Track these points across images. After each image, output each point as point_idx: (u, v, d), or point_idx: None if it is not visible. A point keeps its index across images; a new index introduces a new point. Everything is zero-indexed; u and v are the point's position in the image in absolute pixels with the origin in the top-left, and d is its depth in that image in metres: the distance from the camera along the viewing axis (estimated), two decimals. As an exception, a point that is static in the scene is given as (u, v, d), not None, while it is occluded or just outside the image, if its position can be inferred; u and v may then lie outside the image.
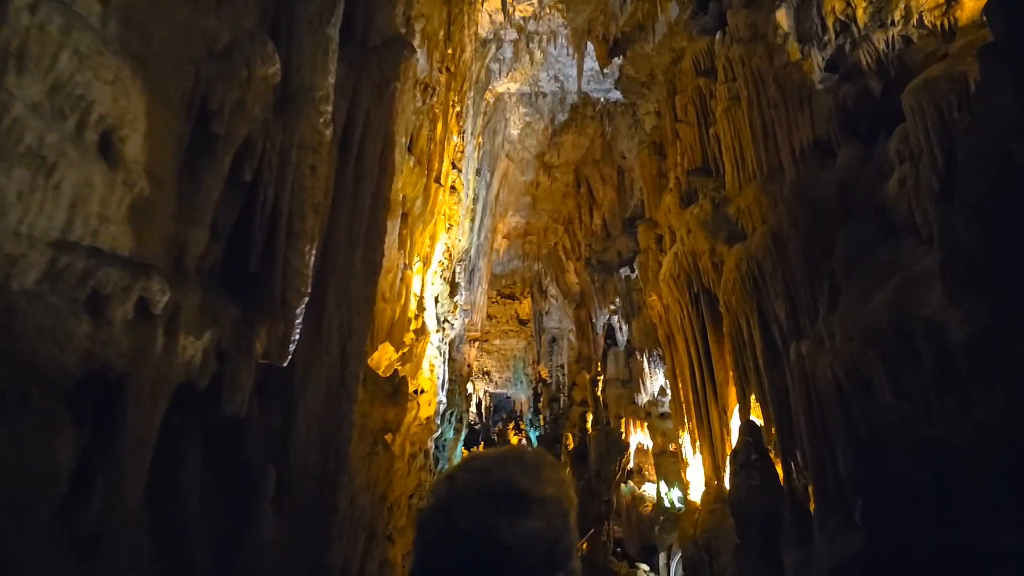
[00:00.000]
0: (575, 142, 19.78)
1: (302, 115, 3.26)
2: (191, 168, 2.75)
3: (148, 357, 2.53)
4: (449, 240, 12.48)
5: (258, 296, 3.24)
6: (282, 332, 3.21)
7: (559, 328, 28.19)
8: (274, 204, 3.22)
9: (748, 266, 7.77)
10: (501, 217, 23.60)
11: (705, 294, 9.08)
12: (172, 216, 2.66)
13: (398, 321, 8.48)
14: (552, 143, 19.99)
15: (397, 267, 7.84)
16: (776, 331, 7.60)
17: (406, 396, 8.11)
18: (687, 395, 9.76)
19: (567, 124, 18.89)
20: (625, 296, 17.65)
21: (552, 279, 27.09)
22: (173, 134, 2.63)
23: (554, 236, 25.78)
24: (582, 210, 22.09)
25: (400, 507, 9.15)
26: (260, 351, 3.20)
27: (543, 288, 28.22)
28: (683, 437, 10.04)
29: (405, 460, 10.32)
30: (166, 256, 2.65)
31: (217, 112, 2.76)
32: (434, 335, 12.25)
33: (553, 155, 20.65)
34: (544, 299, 28.34)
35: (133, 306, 2.42)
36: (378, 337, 7.56)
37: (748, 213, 8.34)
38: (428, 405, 11.51)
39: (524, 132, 19.49)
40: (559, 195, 23.24)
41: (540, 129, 19.30)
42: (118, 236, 2.36)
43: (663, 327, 10.28)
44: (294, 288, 3.22)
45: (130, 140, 2.37)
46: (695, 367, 9.29)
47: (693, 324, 9.21)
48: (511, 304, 31.56)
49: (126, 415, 2.51)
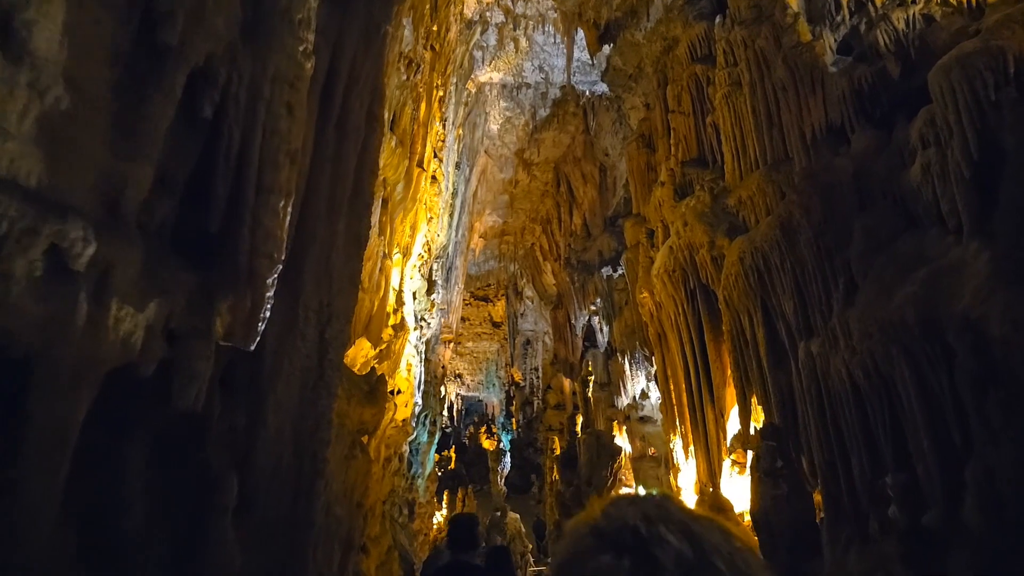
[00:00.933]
0: (556, 139, 19.28)
1: (276, 40, 2.61)
2: (132, 85, 2.09)
3: (66, 330, 1.86)
4: (429, 233, 11.84)
5: (220, 263, 2.58)
6: (249, 308, 2.55)
7: (534, 330, 27.70)
8: (241, 149, 2.55)
9: (752, 259, 7.28)
10: (478, 216, 23.02)
11: (702, 290, 8.57)
12: (104, 144, 1.98)
13: (376, 314, 7.81)
14: (532, 139, 19.46)
15: (377, 255, 7.18)
16: (782, 329, 7.12)
17: (384, 396, 7.45)
18: (680, 397, 9.24)
19: (548, 120, 18.38)
20: (606, 296, 17.16)
21: (528, 280, 26.59)
22: (105, 33, 1.96)
23: (531, 236, 25.26)
24: (561, 209, 21.59)
25: (374, 515, 8.47)
26: (221, 332, 2.53)
27: (519, 290, 27.70)
28: (674, 441, 9.52)
29: (380, 464, 9.64)
30: (95, 197, 1.97)
31: (168, 17, 2.11)
32: (412, 333, 11.59)
33: (533, 152, 20.13)
34: (519, 301, 27.82)
35: (42, 257, 1.76)
36: (355, 331, 6.89)
37: (751, 204, 7.86)
38: (405, 407, 10.84)
39: (504, 128, 18.94)
40: (538, 194, 22.72)
41: (520, 124, 18.76)
42: (20, 159, 1.68)
43: (654, 325, 9.76)
44: (264, 254, 2.56)
45: (40, 29, 1.70)
46: (689, 367, 8.77)
47: (688, 322, 8.70)
48: (485, 306, 31.07)
49: (35, 407, 1.85)
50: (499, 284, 30.31)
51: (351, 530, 5.97)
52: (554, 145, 19.72)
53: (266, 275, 2.58)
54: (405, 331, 9.09)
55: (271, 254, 2.60)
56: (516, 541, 13.22)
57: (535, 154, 20.24)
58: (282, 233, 2.67)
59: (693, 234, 8.44)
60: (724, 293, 7.81)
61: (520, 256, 26.61)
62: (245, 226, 2.57)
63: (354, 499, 5.99)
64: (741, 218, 8.06)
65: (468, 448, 31.19)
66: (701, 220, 8.33)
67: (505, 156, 20.47)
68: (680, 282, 8.72)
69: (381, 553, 9.41)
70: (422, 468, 16.07)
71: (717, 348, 8.51)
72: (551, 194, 22.11)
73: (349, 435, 5.05)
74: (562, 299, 22.02)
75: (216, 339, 2.56)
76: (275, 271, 2.64)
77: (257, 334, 2.63)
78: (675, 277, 8.75)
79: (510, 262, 27.88)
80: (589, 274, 18.05)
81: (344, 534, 5.33)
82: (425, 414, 15.97)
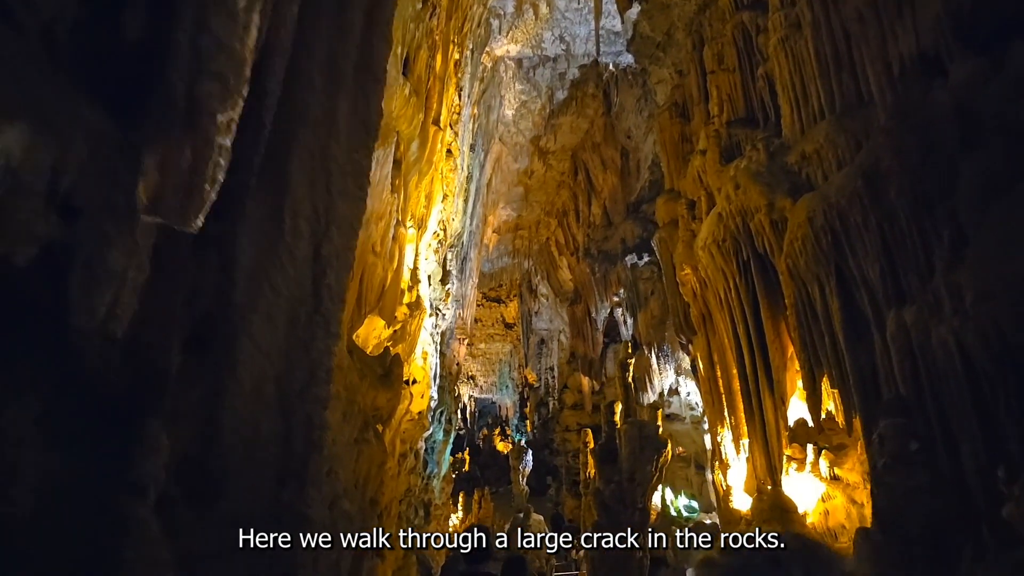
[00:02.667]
0: (574, 124, 18.28)
1: None
2: None
3: None
4: (444, 212, 10.82)
5: (143, 95, 1.57)
6: (187, 163, 1.52)
7: (549, 329, 26.71)
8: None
9: (825, 219, 6.20)
10: (492, 209, 22.05)
11: (757, 260, 7.49)
12: None
13: (390, 288, 6.79)
14: (549, 125, 18.47)
15: (390, 215, 6.16)
16: (863, 297, 6.02)
17: (400, 380, 6.42)
18: (729, 384, 8.15)
19: (566, 103, 17.39)
20: (630, 286, 16.09)
21: (543, 277, 25.59)
22: None
23: (546, 231, 24.25)
24: (579, 200, 20.56)
25: (390, 515, 7.42)
26: (144, 199, 1.53)
27: (533, 287, 26.71)
28: (722, 435, 8.43)
29: (395, 459, 8.60)
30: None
31: None
32: (427, 319, 10.57)
33: (549, 139, 19.13)
34: (534, 299, 26.83)
35: None
36: (366, 300, 5.87)
37: (817, 159, 6.81)
38: (421, 398, 9.79)
39: (519, 113, 17.95)
40: (553, 185, 21.72)
41: (537, 109, 17.78)
42: None
43: (698, 305, 8.68)
44: (212, 75, 1.54)
45: None
46: (743, 350, 7.68)
47: (742, 297, 7.62)
48: (497, 307, 30.24)
49: None
50: (512, 284, 29.45)
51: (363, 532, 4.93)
52: (572, 131, 18.71)
53: (215, 110, 1.55)
54: (421, 311, 8.06)
55: (224, 77, 1.57)
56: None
57: (551, 141, 19.24)
58: (243, 47, 1.63)
59: (747, 197, 7.37)
60: (788, 261, 6.73)
61: (535, 252, 25.63)
62: (183, 34, 1.54)
63: (367, 494, 4.96)
64: (804, 176, 7.00)
65: (482, 450, 30.19)
66: (756, 181, 7.26)
67: (520, 144, 19.48)
68: (731, 253, 7.64)
69: (398, 557, 8.34)
70: (438, 468, 15.01)
71: (775, 326, 7.42)
72: (568, 184, 21.10)
73: (361, 415, 4.02)
74: (580, 293, 20.96)
75: (141, 210, 1.53)
76: (230, 106, 1.60)
77: (201, 207, 1.60)
78: (725, 247, 7.67)
79: (524, 258, 26.89)
80: (611, 264, 16.99)
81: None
82: (441, 410, 14.94)
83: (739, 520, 8.03)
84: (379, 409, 6.07)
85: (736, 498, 8.21)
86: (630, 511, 7.04)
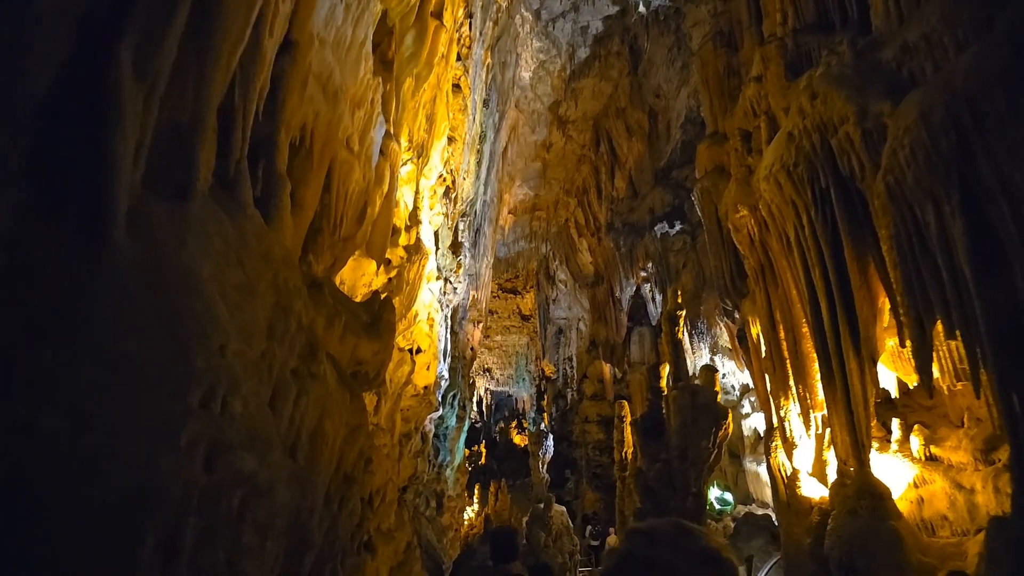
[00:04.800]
0: (596, 88, 16.70)
1: None
2: None
3: None
4: (453, 159, 9.32)
5: None
6: None
7: (567, 318, 25.30)
8: None
9: (948, 113, 4.62)
10: (508, 186, 20.56)
11: (840, 187, 5.90)
12: None
13: (380, 218, 5.28)
14: (569, 90, 16.90)
15: (372, 106, 4.63)
16: (1002, 213, 4.44)
17: (391, 328, 4.91)
18: (798, 346, 6.58)
19: (588, 63, 15.81)
20: (660, 259, 14.51)
21: (562, 261, 24.14)
22: None
23: (565, 211, 22.69)
24: (600, 175, 19.00)
25: (385, 501, 5.92)
26: None
27: (551, 273, 25.26)
28: (786, 409, 6.84)
29: (395, 439, 7.10)
30: None
31: None
32: (434, 284, 9.08)
33: (569, 106, 17.56)
34: (551, 286, 25.39)
35: None
36: (341, 218, 4.36)
37: (925, 47, 5.22)
38: (426, 370, 8.28)
39: (537, 76, 16.41)
40: (573, 160, 20.15)
41: (556, 71, 16.21)
42: None
43: (755, 256, 7.09)
44: None
45: None
46: (820, 301, 6.10)
47: (818, 235, 6.04)
48: (513, 299, 28.95)
49: None
50: (528, 274, 28.16)
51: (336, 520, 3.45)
52: (594, 96, 17.14)
53: None
54: (423, 257, 6.54)
55: None
56: (563, 539, 10.61)
57: (572, 108, 17.67)
58: None
59: (828, 108, 5.77)
60: (887, 179, 5.13)
61: (553, 234, 24.17)
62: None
63: (341, 468, 3.47)
64: (906, 73, 5.40)
65: (499, 444, 28.87)
66: (841, 86, 5.66)
67: (538, 112, 17.92)
68: (805, 180, 6.05)
69: (397, 551, 6.83)
70: (451, 456, 13.53)
71: (862, 269, 5.82)
72: (588, 159, 19.54)
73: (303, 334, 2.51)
74: (603, 273, 19.41)
75: None
76: None
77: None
78: (797, 174, 6.09)
79: (542, 242, 25.42)
80: (638, 237, 15.41)
81: (312, 526, 2.78)
82: (454, 394, 13.46)
83: (809, 511, 6.45)
84: (363, 361, 4.58)
85: (805, 484, 6.62)
86: (680, 496, 5.49)
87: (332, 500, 3.17)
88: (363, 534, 4.84)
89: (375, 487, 5.40)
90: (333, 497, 3.20)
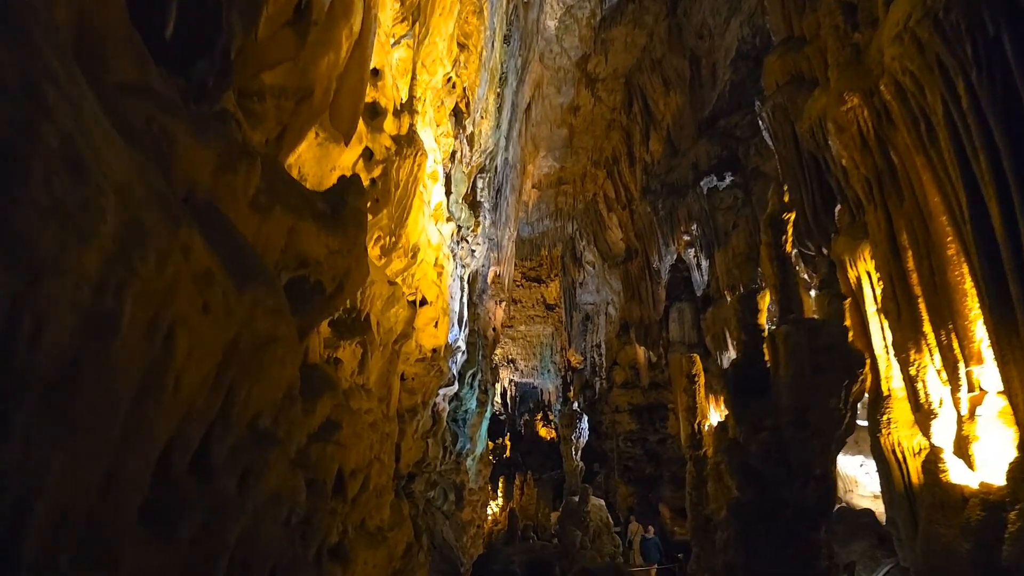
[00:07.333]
0: (629, 38, 14.77)
1: None
2: None
3: None
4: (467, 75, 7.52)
5: None
6: None
7: (594, 303, 23.45)
8: None
9: None
10: (532, 155, 18.73)
11: (1018, 34, 4.01)
12: None
13: (348, 75, 3.51)
14: (599, 41, 14.99)
15: None
16: None
17: (360, 217, 3.12)
18: (937, 276, 4.68)
19: (620, 7, 13.93)
20: (706, 219, 12.57)
21: (589, 241, 22.27)
22: None
23: (593, 185, 20.78)
24: (632, 140, 17.06)
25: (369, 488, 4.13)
26: None
27: (577, 255, 23.41)
28: (921, 363, 4.93)
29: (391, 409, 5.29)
30: None
31: None
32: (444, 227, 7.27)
33: (599, 60, 15.65)
34: (578, 269, 23.55)
35: None
36: (276, 49, 2.58)
37: None
38: (434, 327, 6.48)
39: (563, 24, 14.54)
40: (603, 125, 18.23)
41: (584, 18, 14.33)
42: None
43: (867, 161, 5.18)
44: None
45: None
46: (988, 201, 4.20)
47: (984, 107, 4.14)
48: (537, 287, 27.34)
49: None
50: (552, 262, 26.60)
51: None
52: (626, 49, 15.23)
53: None
54: (419, 154, 4.70)
55: None
56: (603, 538, 8.76)
57: (601, 64, 15.76)
58: None
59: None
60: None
61: (580, 211, 22.33)
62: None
63: (277, 427, 1.70)
64: None
65: (524, 436, 27.28)
66: None
67: (564, 69, 16.04)
68: (962, 29, 4.15)
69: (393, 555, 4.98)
70: (471, 444, 11.74)
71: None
72: (619, 124, 17.62)
73: None
74: (636, 246, 17.50)
75: None
76: None
77: None
78: (949, 21, 4.18)
79: (568, 220, 23.59)
80: (679, 197, 13.46)
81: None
82: (473, 372, 11.68)
83: (963, 504, 4.53)
84: (309, 263, 2.79)
85: (953, 468, 4.70)
86: (801, 482, 3.63)
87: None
88: (324, 535, 3.05)
89: (349, 467, 3.61)
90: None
